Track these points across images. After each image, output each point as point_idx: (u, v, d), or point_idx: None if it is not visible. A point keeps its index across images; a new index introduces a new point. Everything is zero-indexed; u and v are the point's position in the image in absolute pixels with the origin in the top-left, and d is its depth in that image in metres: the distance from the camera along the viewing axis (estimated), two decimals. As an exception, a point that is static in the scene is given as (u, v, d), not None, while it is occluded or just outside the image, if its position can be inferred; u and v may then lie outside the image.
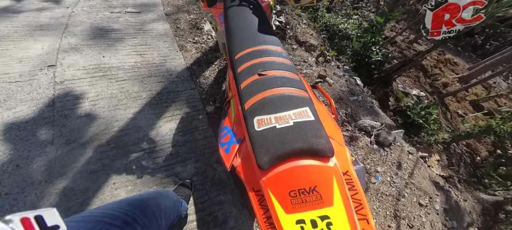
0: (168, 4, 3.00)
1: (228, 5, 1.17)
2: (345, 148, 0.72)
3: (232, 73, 0.92)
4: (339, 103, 2.18)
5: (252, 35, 0.98)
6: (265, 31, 1.01)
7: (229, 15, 1.12)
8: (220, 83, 2.07)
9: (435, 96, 3.59)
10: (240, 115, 0.79)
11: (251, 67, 0.85)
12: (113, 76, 1.92)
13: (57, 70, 1.88)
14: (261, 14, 1.12)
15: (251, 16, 1.08)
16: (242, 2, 1.16)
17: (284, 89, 0.77)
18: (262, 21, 1.06)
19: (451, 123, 3.29)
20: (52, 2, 2.75)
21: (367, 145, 2.03)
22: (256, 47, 0.92)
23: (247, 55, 0.90)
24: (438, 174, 2.21)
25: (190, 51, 2.33)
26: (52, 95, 1.76)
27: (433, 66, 4.21)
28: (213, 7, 1.41)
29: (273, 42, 0.96)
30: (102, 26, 2.46)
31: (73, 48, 2.10)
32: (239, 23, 1.05)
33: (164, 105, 1.86)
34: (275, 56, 0.89)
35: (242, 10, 1.12)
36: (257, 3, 1.19)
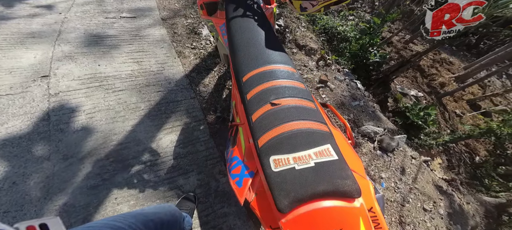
0: (164, 8, 2.93)
1: (231, 16, 1.10)
2: (368, 181, 0.67)
3: (240, 97, 0.85)
4: (341, 109, 2.15)
5: (260, 52, 0.92)
6: (273, 46, 0.95)
7: (232, 27, 1.05)
8: (221, 91, 2.02)
9: (433, 96, 3.60)
10: (252, 148, 0.73)
11: (262, 93, 0.79)
12: (109, 86, 1.85)
13: (51, 81, 1.80)
14: (267, 26, 1.06)
15: (257, 28, 1.02)
16: (246, 12, 1.09)
17: (301, 123, 0.71)
18: (268, 34, 1.00)
19: (450, 123, 3.30)
20: (44, 7, 2.66)
21: (371, 150, 2.01)
22: (265, 67, 0.86)
23: (256, 77, 0.84)
24: (441, 177, 2.21)
25: (188, 58, 2.27)
26: (47, 109, 1.68)
27: (429, 66, 4.22)
28: (214, 16, 1.33)
29: (282, 60, 0.90)
30: (96, 32, 2.38)
31: (67, 56, 2.02)
32: (244, 37, 0.98)
33: (163, 116, 1.80)
34: (287, 78, 0.83)
35: (246, 22, 1.05)
36: (262, 12, 1.13)
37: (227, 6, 1.14)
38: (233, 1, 1.15)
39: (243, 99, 0.81)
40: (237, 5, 1.12)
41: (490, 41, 5.70)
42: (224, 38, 1.20)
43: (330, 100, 2.18)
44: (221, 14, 1.27)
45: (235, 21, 1.06)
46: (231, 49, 1.00)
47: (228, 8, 1.13)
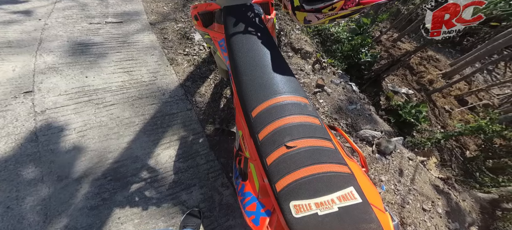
0: (152, 12, 2.80)
1: (231, 32, 1.00)
2: (387, 215, 0.65)
3: (250, 135, 0.79)
4: (339, 114, 2.15)
5: (267, 79, 0.85)
6: (281, 70, 0.88)
7: (233, 45, 0.96)
8: (218, 101, 1.96)
9: (423, 93, 3.69)
10: (267, 189, 0.70)
11: (275, 134, 0.73)
12: (100, 100, 1.75)
13: (36, 98, 1.68)
14: (271, 43, 0.98)
15: (261, 48, 0.94)
16: (248, 27, 1.01)
17: (320, 166, 0.67)
18: (274, 54, 0.93)
19: (440, 119, 3.41)
20: (22, 13, 2.47)
21: (370, 154, 2.03)
22: (275, 99, 0.79)
23: (266, 113, 0.77)
24: (437, 176, 2.27)
25: (181, 65, 2.18)
26: (34, 128, 1.56)
27: (417, 64, 4.32)
28: (210, 29, 1.24)
29: (292, 89, 0.83)
30: (81, 39, 2.24)
31: (51, 68, 1.88)
32: (248, 59, 0.91)
33: (160, 130, 1.72)
34: (300, 113, 0.77)
35: (249, 40, 0.97)
36: (264, 27, 1.05)
37: (226, 20, 1.06)
38: (233, 14, 1.06)
39: (255, 139, 0.76)
40: (237, 19, 1.03)
41: (472, 38, 5.94)
42: (224, 55, 1.12)
43: (328, 105, 2.17)
44: (219, 28, 1.17)
45: (237, 39, 0.98)
46: (234, 72, 0.93)
47: (228, 22, 1.05)
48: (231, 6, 1.09)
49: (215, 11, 1.18)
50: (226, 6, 1.09)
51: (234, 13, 1.06)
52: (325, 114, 2.11)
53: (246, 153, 0.89)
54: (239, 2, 1.10)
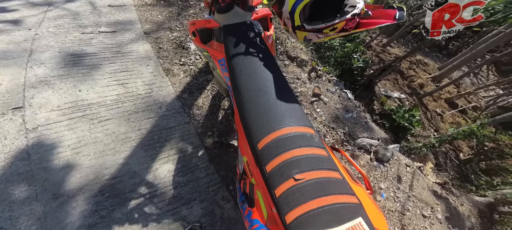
0: (146, 20, 2.73)
1: (232, 53, 0.96)
2: None
3: (257, 165, 0.76)
4: (336, 123, 2.13)
5: (272, 108, 0.81)
6: (284, 96, 0.84)
7: (235, 67, 0.92)
8: (216, 113, 1.91)
9: (414, 97, 3.74)
10: (276, 218, 0.67)
11: (283, 167, 0.70)
12: (94, 115, 1.67)
13: (27, 114, 1.59)
14: (274, 66, 0.93)
15: (264, 72, 0.89)
16: (249, 48, 0.96)
17: (329, 198, 0.65)
18: (277, 79, 0.88)
19: (433, 122, 3.46)
20: (10, 23, 2.36)
21: (368, 162, 2.02)
22: (281, 130, 0.75)
23: (273, 145, 0.73)
24: (434, 181, 2.28)
25: (178, 76, 2.12)
26: (25, 146, 1.48)
27: (407, 68, 4.38)
28: (208, 46, 1.19)
29: (298, 119, 0.80)
30: (73, 50, 2.15)
31: (42, 81, 1.79)
32: (250, 83, 0.86)
33: (157, 145, 1.66)
34: (307, 145, 0.74)
35: (251, 63, 0.92)
36: (266, 48, 1.01)
37: (226, 39, 1.02)
38: (232, 33, 1.02)
39: (262, 171, 0.73)
40: (237, 39, 0.99)
41: (457, 43, 6.09)
42: (225, 75, 1.07)
43: (325, 114, 2.15)
44: (218, 46, 1.12)
45: (238, 61, 0.93)
46: (237, 97, 0.88)
47: (228, 42, 1.00)
48: (230, 24, 1.05)
49: (214, 29, 1.13)
50: (226, 25, 1.05)
51: (234, 33, 1.02)
52: (322, 123, 2.09)
53: (252, 179, 0.85)
54: (239, 20, 1.06)
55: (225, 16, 1.05)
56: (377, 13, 0.87)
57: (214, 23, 1.10)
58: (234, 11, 1.05)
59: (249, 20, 1.08)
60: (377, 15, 0.86)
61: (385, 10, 0.86)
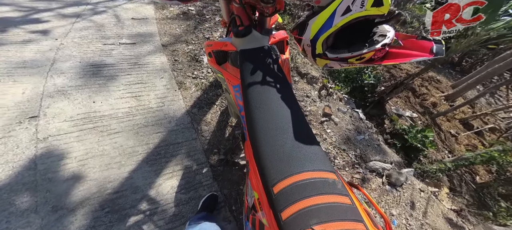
0: (165, 33, 2.65)
1: (248, 81, 0.81)
2: None
3: (270, 207, 0.61)
4: (347, 144, 1.92)
5: (290, 148, 0.65)
6: (304, 136, 0.68)
7: (251, 100, 0.77)
8: (223, 130, 1.76)
9: (427, 117, 3.42)
10: None
11: (300, 215, 0.54)
12: (104, 128, 1.57)
13: (40, 123, 1.52)
14: (292, 100, 0.78)
15: (282, 108, 0.74)
16: (266, 77, 0.81)
17: None
18: (296, 116, 0.72)
19: (447, 144, 3.13)
20: (40, 33, 2.36)
21: (380, 186, 1.79)
22: (301, 175, 0.59)
23: (290, 191, 0.58)
24: (450, 208, 2.01)
25: (189, 89, 2.00)
26: (34, 156, 1.40)
27: (419, 85, 4.05)
28: (223, 68, 1.08)
29: (318, 161, 0.64)
30: (93, 61, 2.09)
31: (60, 91, 1.73)
32: (267, 121, 0.71)
33: (163, 160, 1.53)
34: (329, 192, 0.58)
35: (268, 95, 0.77)
36: (283, 77, 0.85)
37: (242, 65, 0.88)
38: (249, 59, 0.88)
39: (277, 217, 0.57)
40: (254, 66, 0.85)
41: (471, 59, 5.62)
42: (239, 102, 0.93)
43: (335, 135, 1.95)
44: (233, 70, 0.99)
45: (254, 91, 0.79)
46: (251, 132, 0.73)
47: (244, 69, 0.87)
48: (247, 49, 0.91)
49: (230, 52, 0.99)
50: (243, 50, 0.91)
51: (251, 58, 0.88)
52: (332, 145, 1.88)
53: (263, 220, 0.69)
54: (256, 45, 0.92)
55: (242, 40, 0.92)
56: (409, 43, 0.70)
57: (231, 46, 0.97)
58: (252, 35, 0.92)
59: (266, 46, 0.93)
60: (409, 46, 0.69)
61: (418, 41, 0.68)
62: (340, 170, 1.78)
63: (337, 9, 0.63)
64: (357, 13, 0.62)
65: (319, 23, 0.68)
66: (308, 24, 0.72)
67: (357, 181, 1.76)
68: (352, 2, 0.61)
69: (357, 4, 0.61)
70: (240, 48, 0.91)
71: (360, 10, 0.62)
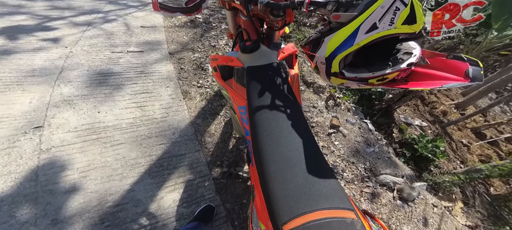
0: (172, 41, 2.61)
1: (255, 104, 0.71)
2: None
3: None
4: (356, 157, 1.80)
5: (302, 183, 0.55)
6: (318, 167, 0.58)
7: (258, 128, 0.66)
8: (227, 141, 1.68)
9: (437, 125, 3.24)
10: None
11: None
12: (108, 139, 1.51)
13: (44, 134, 1.47)
14: (304, 126, 0.68)
15: (293, 135, 0.63)
16: (275, 100, 0.71)
17: None
18: (309, 145, 0.62)
19: (458, 154, 2.95)
20: (51, 41, 2.35)
21: (390, 201, 1.67)
22: (314, 214, 0.50)
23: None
24: (464, 224, 1.86)
25: (194, 99, 1.93)
26: (36, 167, 1.35)
27: (428, 92, 3.86)
28: (229, 85, 0.97)
29: (335, 197, 0.55)
30: (100, 69, 2.06)
31: (65, 101, 1.69)
32: (276, 152, 0.61)
33: (165, 172, 1.46)
34: None
35: (277, 121, 0.67)
36: (294, 99, 0.75)
37: (249, 84, 0.79)
38: (257, 78, 0.79)
39: None
40: (262, 86, 0.75)
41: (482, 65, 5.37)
42: (245, 126, 0.83)
43: (344, 147, 1.83)
44: (239, 89, 0.89)
45: (261, 116, 0.69)
46: (258, 162, 0.63)
47: (251, 88, 0.77)
48: (255, 67, 0.82)
49: (237, 68, 0.90)
50: (250, 67, 0.82)
51: (259, 77, 0.79)
52: (341, 157, 1.77)
53: None
54: (264, 62, 0.82)
55: (249, 56, 0.83)
56: (437, 63, 0.60)
57: (237, 62, 0.87)
58: (260, 51, 0.83)
59: (275, 62, 0.83)
60: (438, 66, 0.59)
61: (449, 61, 0.58)
62: (348, 184, 1.66)
63: (361, 26, 0.54)
64: (384, 32, 0.53)
65: (337, 40, 0.59)
66: (324, 41, 0.63)
67: (366, 196, 1.65)
68: (380, 18, 0.52)
69: (386, 21, 0.52)
70: (247, 64, 0.83)
71: (389, 28, 0.53)
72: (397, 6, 0.50)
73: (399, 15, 0.51)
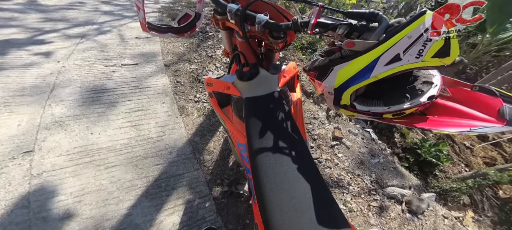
0: (168, 52, 2.57)
1: (256, 147, 0.64)
2: None
3: None
4: (361, 169, 1.76)
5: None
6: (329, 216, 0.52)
7: (261, 173, 0.59)
8: (226, 158, 1.63)
9: (438, 130, 3.21)
10: None
11: None
12: (102, 161, 1.46)
13: (35, 158, 1.41)
14: (311, 166, 0.60)
15: (299, 181, 0.56)
16: (279, 142, 0.63)
17: None
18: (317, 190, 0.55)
19: (462, 157, 2.92)
20: (42, 55, 2.29)
21: (400, 214, 1.62)
22: None
23: None
24: None
25: (191, 115, 1.88)
26: (27, 193, 1.29)
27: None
28: (226, 115, 0.88)
29: None
30: (93, 85, 2.00)
31: (57, 122, 1.63)
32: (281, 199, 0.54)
33: (164, 194, 1.40)
34: None
35: (281, 165, 0.59)
36: (298, 136, 0.67)
37: (248, 120, 0.71)
38: (257, 113, 0.70)
39: None
40: (263, 123, 0.67)
41: (476, 67, 5.40)
42: (245, 164, 0.76)
43: (348, 159, 1.79)
44: (238, 123, 0.82)
45: (263, 161, 0.60)
46: (262, 207, 0.57)
47: (251, 127, 0.69)
48: (254, 98, 0.73)
49: (234, 97, 0.82)
50: (249, 98, 0.74)
51: (259, 113, 0.70)
52: (345, 170, 1.73)
53: None
54: (265, 91, 0.74)
55: (247, 84, 0.75)
56: (460, 95, 0.54)
57: (234, 89, 0.78)
58: (259, 77, 0.74)
59: (277, 91, 0.75)
60: (462, 100, 0.53)
61: (476, 93, 0.52)
62: (355, 198, 1.62)
63: (381, 57, 0.47)
64: (409, 65, 0.46)
65: (350, 71, 0.52)
66: (333, 70, 0.56)
67: (374, 210, 1.60)
68: (405, 49, 0.45)
69: (412, 53, 0.45)
70: (245, 95, 0.75)
71: (415, 61, 0.46)
72: (429, 36, 0.44)
73: (430, 46, 0.44)
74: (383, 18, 0.49)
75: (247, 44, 0.74)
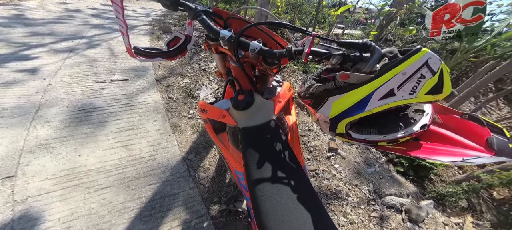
0: (159, 66, 2.54)
1: (255, 176, 0.63)
2: None
3: None
4: (359, 179, 1.77)
5: None
6: None
7: (260, 202, 0.58)
8: (223, 175, 1.60)
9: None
10: None
11: None
12: (91, 184, 1.39)
13: (18, 183, 1.33)
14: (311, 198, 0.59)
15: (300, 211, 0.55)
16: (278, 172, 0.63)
17: None
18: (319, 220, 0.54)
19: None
20: (28, 72, 2.21)
21: (400, 223, 1.62)
22: None
23: None
24: None
25: (185, 133, 1.84)
26: (10, 221, 1.21)
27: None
28: (222, 143, 0.87)
29: None
30: (81, 104, 1.94)
31: (42, 145, 1.55)
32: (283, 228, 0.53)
33: (158, 216, 1.35)
34: None
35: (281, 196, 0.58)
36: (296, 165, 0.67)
37: (245, 151, 0.69)
38: (254, 145, 0.69)
39: None
40: (260, 155, 0.66)
41: (456, 71, 5.68)
42: (244, 192, 0.74)
43: (344, 170, 1.80)
44: (235, 152, 0.81)
45: (262, 192, 0.60)
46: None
47: (248, 157, 0.67)
48: (251, 129, 0.73)
49: (231, 127, 0.80)
50: (245, 128, 0.73)
51: (256, 144, 0.69)
52: (343, 181, 1.73)
53: None
54: (261, 120, 0.74)
55: (243, 114, 0.74)
56: (451, 122, 0.56)
57: (230, 118, 0.76)
58: (255, 105, 0.74)
59: (273, 120, 0.75)
60: (452, 127, 0.55)
61: (465, 121, 0.54)
62: (355, 209, 1.61)
63: (376, 91, 0.48)
64: (403, 101, 0.47)
65: (345, 103, 0.53)
66: (328, 100, 0.57)
67: (375, 220, 1.59)
68: (399, 85, 0.46)
69: (406, 89, 0.46)
70: (241, 124, 0.74)
71: (409, 97, 0.47)
72: (423, 73, 0.45)
73: (423, 83, 0.45)
74: (376, 48, 0.51)
75: (241, 70, 0.74)
